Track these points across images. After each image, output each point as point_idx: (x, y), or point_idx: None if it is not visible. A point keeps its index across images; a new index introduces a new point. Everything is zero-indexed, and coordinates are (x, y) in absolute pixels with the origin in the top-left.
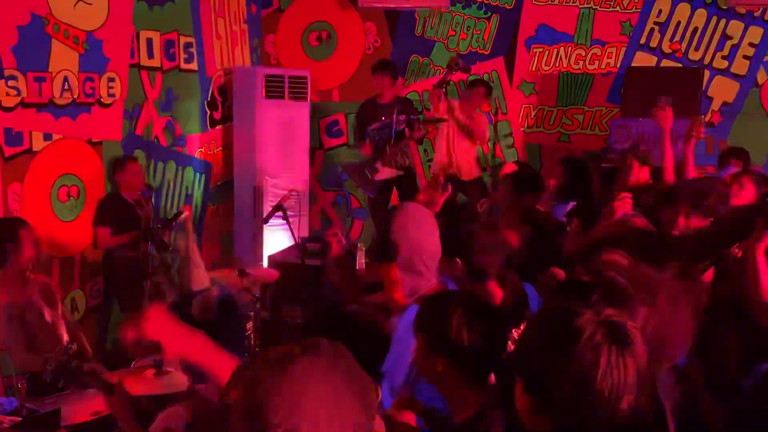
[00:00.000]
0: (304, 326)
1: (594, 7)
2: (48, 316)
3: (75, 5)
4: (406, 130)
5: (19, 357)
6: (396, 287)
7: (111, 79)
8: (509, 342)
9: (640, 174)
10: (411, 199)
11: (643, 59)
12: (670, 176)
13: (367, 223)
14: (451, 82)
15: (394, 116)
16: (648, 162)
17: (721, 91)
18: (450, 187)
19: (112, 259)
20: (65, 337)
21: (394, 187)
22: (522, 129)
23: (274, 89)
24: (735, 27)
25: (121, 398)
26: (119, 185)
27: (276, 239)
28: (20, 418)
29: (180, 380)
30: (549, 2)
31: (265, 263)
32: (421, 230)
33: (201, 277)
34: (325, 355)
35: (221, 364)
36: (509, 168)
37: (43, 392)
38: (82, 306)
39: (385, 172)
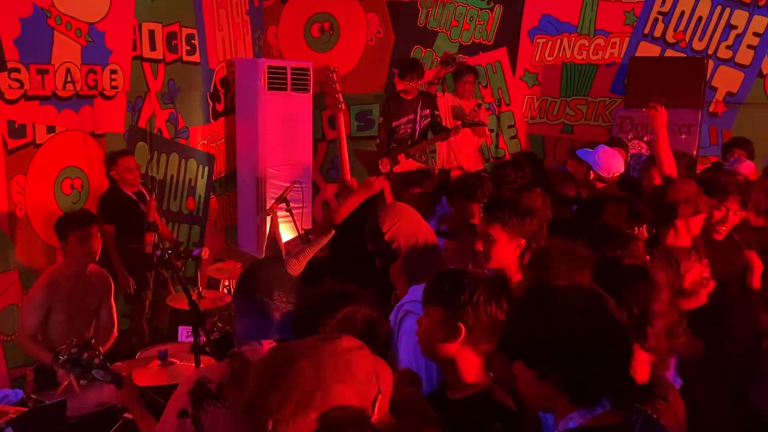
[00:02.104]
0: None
1: None
2: (75, 317)
3: None
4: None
5: (24, 343)
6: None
7: (113, 71)
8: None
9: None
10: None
11: (646, 49)
12: (671, 171)
13: None
14: (447, 76)
15: (419, 111)
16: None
17: (726, 81)
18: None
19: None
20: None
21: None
22: (525, 120)
23: (277, 81)
24: (739, 16)
25: (131, 390)
26: (116, 181)
27: (279, 230)
28: (26, 409)
29: (184, 371)
30: None
31: None
32: (411, 221)
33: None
34: (337, 346)
35: None
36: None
37: (50, 384)
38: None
39: (406, 164)
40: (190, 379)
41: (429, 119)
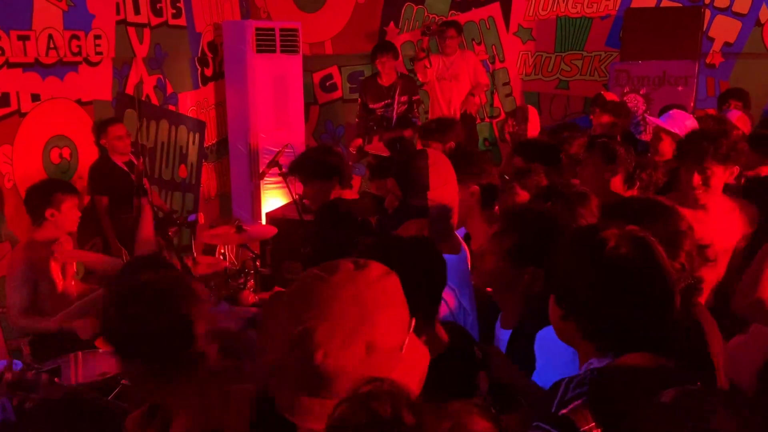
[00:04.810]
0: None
1: None
2: (60, 287)
3: None
4: (410, 116)
5: (18, 321)
6: None
7: (97, 37)
8: None
9: None
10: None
11: (642, 0)
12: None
13: (365, 179)
14: (431, 42)
15: (396, 97)
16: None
17: (723, 30)
18: None
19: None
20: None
21: None
22: (520, 77)
23: (265, 43)
24: None
25: None
26: (107, 150)
27: (274, 196)
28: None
29: None
30: None
31: (264, 221)
32: (454, 187)
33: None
34: (370, 275)
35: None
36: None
37: (47, 355)
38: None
39: (376, 148)
40: None
41: (406, 105)
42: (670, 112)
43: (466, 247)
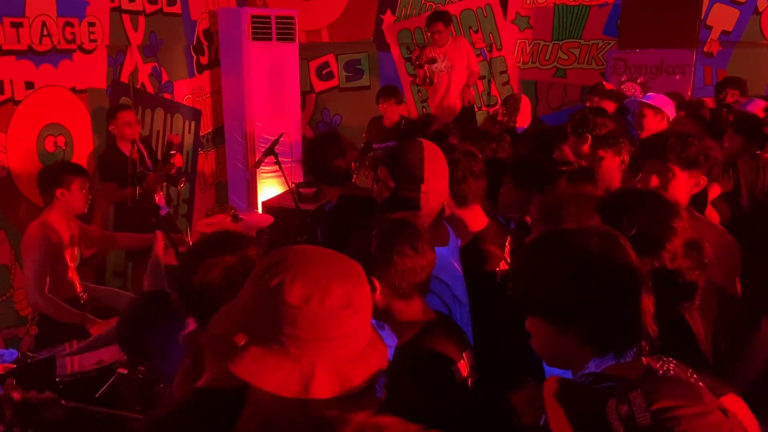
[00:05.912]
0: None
1: None
2: (70, 273)
3: None
4: None
5: (38, 301)
6: None
7: (91, 24)
8: None
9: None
10: None
11: None
12: None
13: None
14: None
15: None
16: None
17: (721, 19)
18: None
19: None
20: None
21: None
22: (517, 65)
23: (261, 30)
24: None
25: None
26: (115, 137)
27: (270, 185)
28: (13, 366)
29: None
30: None
31: (260, 209)
32: (446, 183)
33: None
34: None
35: None
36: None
37: (54, 338)
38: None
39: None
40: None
41: None
42: (649, 93)
43: (455, 238)
